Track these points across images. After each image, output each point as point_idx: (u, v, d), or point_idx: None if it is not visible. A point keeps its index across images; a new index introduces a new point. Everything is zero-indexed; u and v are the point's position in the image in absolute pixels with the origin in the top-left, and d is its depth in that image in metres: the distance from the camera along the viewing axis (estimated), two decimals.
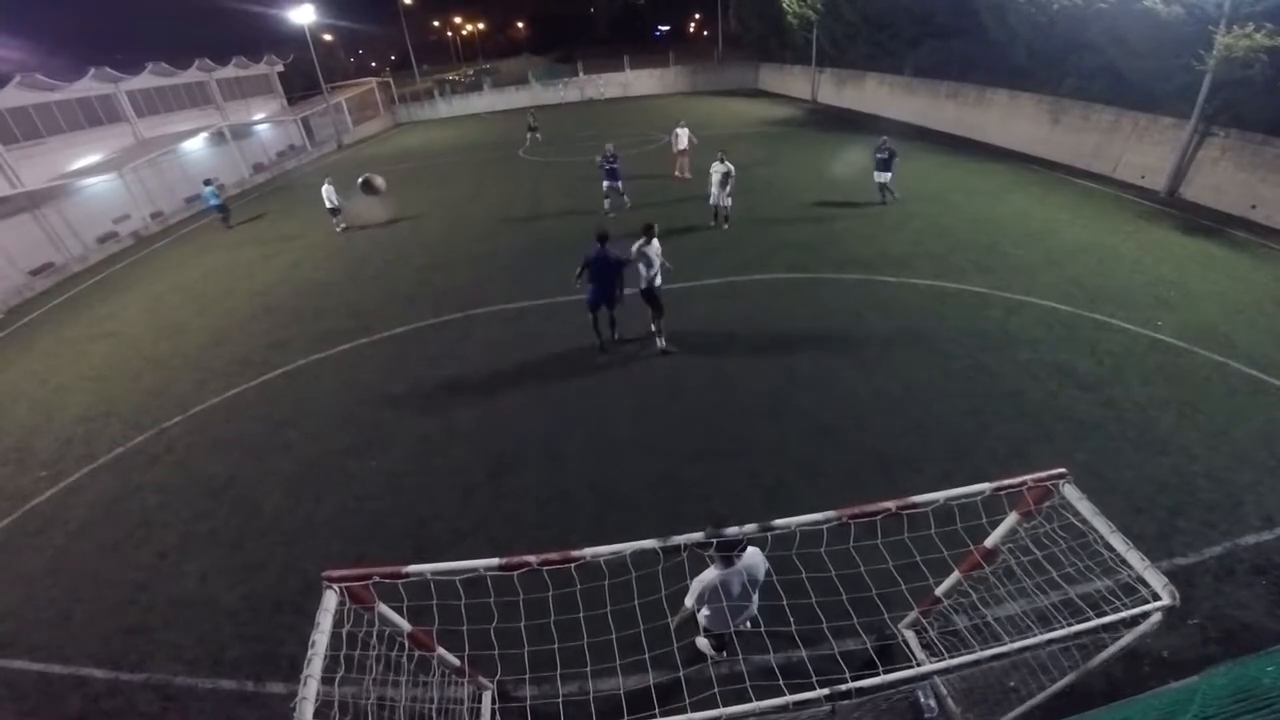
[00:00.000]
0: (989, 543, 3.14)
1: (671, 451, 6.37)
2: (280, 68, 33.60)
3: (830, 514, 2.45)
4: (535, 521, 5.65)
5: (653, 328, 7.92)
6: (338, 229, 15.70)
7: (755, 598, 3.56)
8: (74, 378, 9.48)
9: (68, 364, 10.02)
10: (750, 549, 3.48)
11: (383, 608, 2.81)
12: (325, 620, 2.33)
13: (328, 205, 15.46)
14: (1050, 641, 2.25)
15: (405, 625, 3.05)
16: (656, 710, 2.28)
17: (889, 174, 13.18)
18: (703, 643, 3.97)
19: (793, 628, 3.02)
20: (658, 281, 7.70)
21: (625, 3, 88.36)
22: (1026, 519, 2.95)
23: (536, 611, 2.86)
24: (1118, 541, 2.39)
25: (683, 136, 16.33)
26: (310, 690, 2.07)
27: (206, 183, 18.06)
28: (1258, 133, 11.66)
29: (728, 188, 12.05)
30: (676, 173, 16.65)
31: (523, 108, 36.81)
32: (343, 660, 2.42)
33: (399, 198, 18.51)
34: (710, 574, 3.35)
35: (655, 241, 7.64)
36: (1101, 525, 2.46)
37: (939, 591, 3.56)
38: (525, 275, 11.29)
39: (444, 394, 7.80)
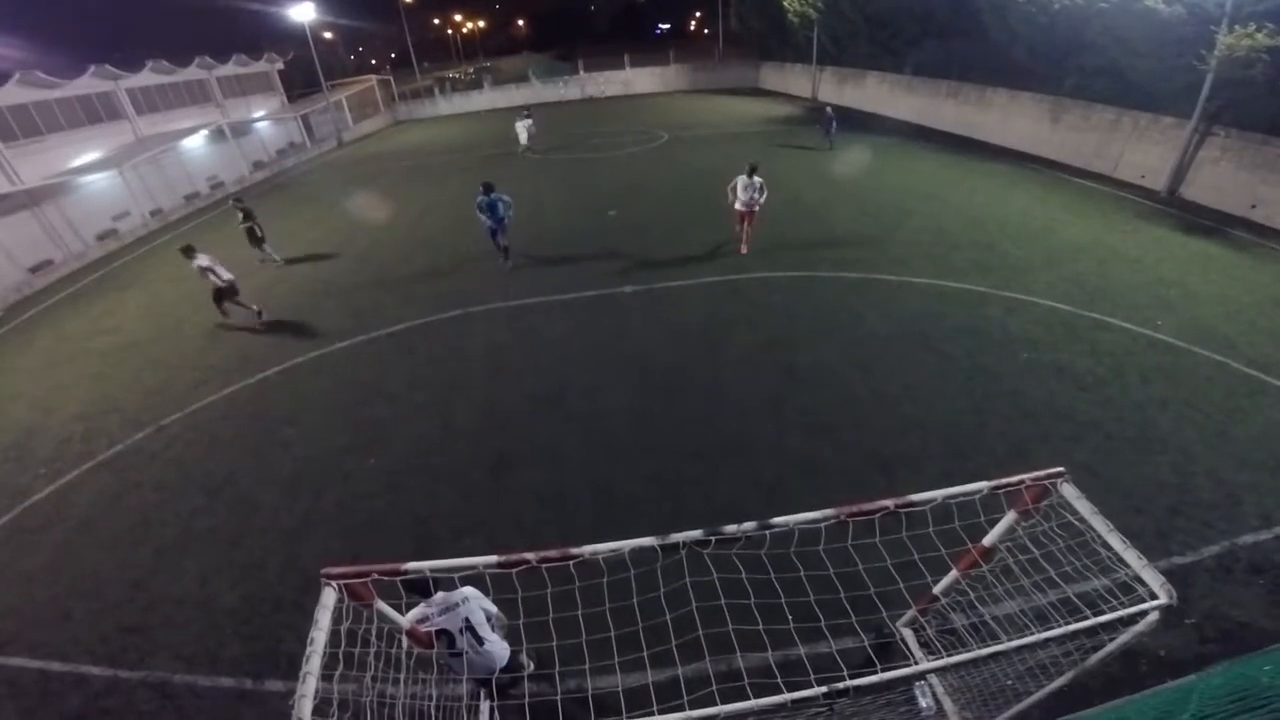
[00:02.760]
0: (987, 541, 3.14)
1: (671, 450, 6.37)
2: (280, 65, 33.54)
3: (829, 512, 2.46)
4: (534, 519, 5.66)
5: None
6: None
7: (493, 642, 3.37)
8: (73, 375, 9.47)
9: (67, 361, 10.01)
10: (465, 588, 3.31)
11: (381, 605, 2.81)
12: (324, 617, 2.33)
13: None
14: (1047, 640, 2.25)
15: (404, 622, 3.05)
16: (655, 708, 2.28)
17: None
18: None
19: (791, 626, 3.02)
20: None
21: (626, 1, 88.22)
22: (1024, 518, 2.95)
23: (535, 609, 2.87)
24: (1115, 540, 2.39)
25: (742, 186, 10.42)
26: (309, 687, 2.07)
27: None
28: (1258, 133, 11.65)
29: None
30: (740, 247, 11.22)
31: (522, 106, 37.08)
32: (341, 657, 2.42)
33: (398, 196, 18.52)
34: (418, 610, 3.21)
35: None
36: (1099, 524, 2.46)
37: (937, 590, 3.57)
38: (525, 273, 11.29)
39: (443, 392, 7.79)
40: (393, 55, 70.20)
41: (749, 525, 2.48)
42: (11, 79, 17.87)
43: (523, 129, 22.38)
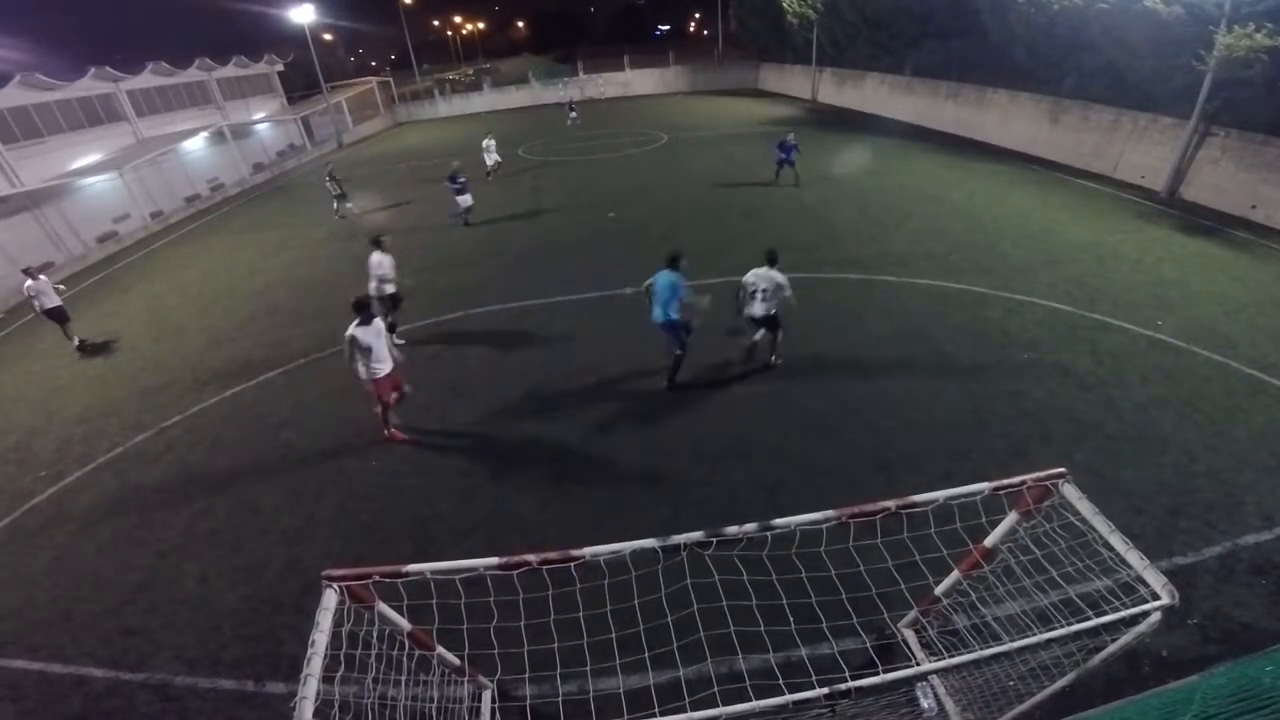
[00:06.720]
0: (988, 542, 3.14)
1: (671, 451, 6.37)
2: (280, 67, 33.59)
3: (830, 513, 2.45)
4: (535, 521, 5.65)
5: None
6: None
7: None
8: (74, 378, 9.48)
9: (68, 364, 10.02)
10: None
11: (383, 607, 2.81)
12: (325, 619, 2.33)
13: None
14: (1050, 641, 2.25)
15: (405, 624, 3.05)
16: (656, 709, 2.28)
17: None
18: None
19: (792, 627, 3.02)
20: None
21: (625, 2, 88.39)
22: (1026, 518, 2.95)
23: (536, 610, 2.87)
24: (1117, 541, 2.39)
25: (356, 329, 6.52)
26: (310, 689, 2.07)
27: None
28: (1258, 133, 11.66)
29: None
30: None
31: (522, 107, 37.44)
32: (343, 659, 2.42)
33: (398, 198, 18.54)
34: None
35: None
36: (1101, 525, 2.46)
37: (938, 591, 3.56)
38: (525, 275, 11.29)
39: (443, 393, 7.79)
40: (393, 57, 70.43)
41: (750, 526, 2.48)
42: (12, 81, 17.90)
43: (489, 152, 19.36)
